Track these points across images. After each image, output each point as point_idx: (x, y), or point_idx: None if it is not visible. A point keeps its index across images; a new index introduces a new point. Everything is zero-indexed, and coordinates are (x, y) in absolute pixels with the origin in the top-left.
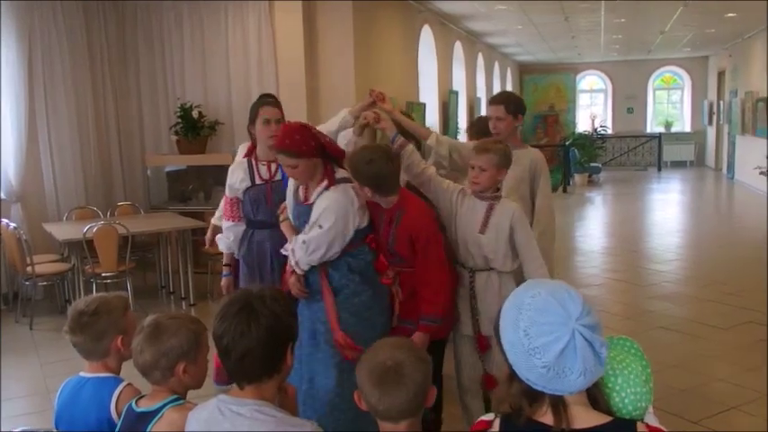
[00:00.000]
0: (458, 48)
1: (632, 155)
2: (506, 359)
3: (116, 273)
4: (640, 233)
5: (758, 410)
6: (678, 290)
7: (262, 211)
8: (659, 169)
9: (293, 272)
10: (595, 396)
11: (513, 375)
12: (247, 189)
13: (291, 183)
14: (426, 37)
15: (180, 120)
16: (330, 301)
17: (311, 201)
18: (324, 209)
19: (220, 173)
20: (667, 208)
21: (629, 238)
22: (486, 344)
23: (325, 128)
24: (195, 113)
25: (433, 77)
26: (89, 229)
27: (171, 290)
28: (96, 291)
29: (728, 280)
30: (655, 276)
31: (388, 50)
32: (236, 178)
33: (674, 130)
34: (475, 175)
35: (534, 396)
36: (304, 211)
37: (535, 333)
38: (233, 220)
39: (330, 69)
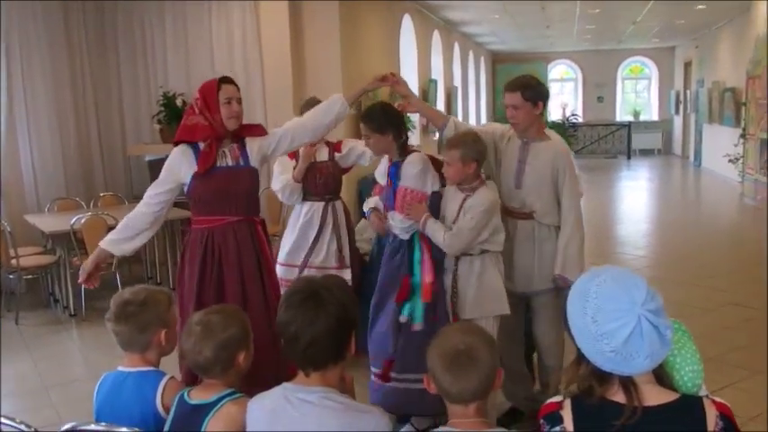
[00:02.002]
0: (436, 37)
1: (603, 143)
2: (575, 343)
3: (104, 265)
4: (614, 219)
5: (753, 387)
6: (657, 274)
7: None
8: (629, 157)
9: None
10: (659, 374)
11: (581, 358)
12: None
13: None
14: (407, 27)
15: (163, 108)
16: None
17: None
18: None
19: None
20: (639, 194)
21: (602, 224)
22: None
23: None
24: (179, 102)
25: (413, 67)
26: (77, 220)
27: (158, 281)
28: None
29: (704, 264)
30: (632, 262)
31: (372, 41)
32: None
33: (642, 118)
34: (444, 169)
35: (603, 377)
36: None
37: (602, 319)
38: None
39: (316, 62)
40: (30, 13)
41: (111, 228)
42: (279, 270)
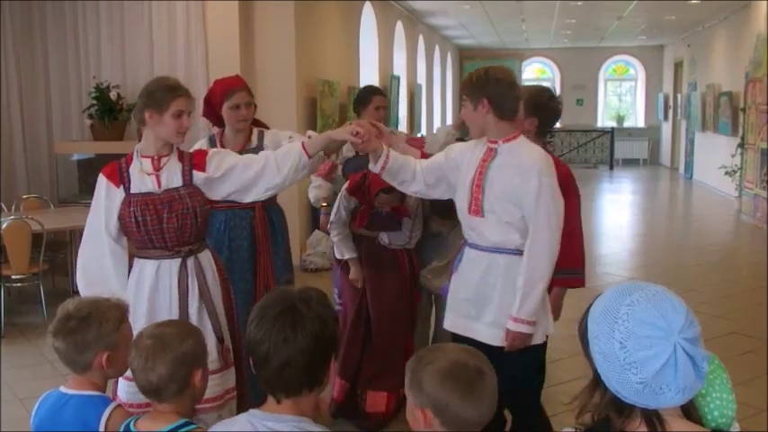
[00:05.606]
0: (399, 29)
1: (582, 151)
2: (593, 367)
3: (28, 275)
4: (596, 236)
5: (760, 426)
6: None
7: None
8: (611, 167)
9: None
10: (687, 407)
11: (597, 383)
12: None
13: None
14: (367, 17)
15: (95, 102)
16: None
17: None
18: None
19: None
20: (624, 209)
21: (586, 242)
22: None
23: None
24: (113, 95)
25: (373, 61)
26: None
27: None
28: (5, 295)
29: (698, 287)
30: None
31: (330, 36)
32: None
33: (626, 125)
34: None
35: (624, 407)
36: None
37: (633, 346)
38: None
39: (268, 65)
40: None
41: (35, 234)
42: (122, 388)
